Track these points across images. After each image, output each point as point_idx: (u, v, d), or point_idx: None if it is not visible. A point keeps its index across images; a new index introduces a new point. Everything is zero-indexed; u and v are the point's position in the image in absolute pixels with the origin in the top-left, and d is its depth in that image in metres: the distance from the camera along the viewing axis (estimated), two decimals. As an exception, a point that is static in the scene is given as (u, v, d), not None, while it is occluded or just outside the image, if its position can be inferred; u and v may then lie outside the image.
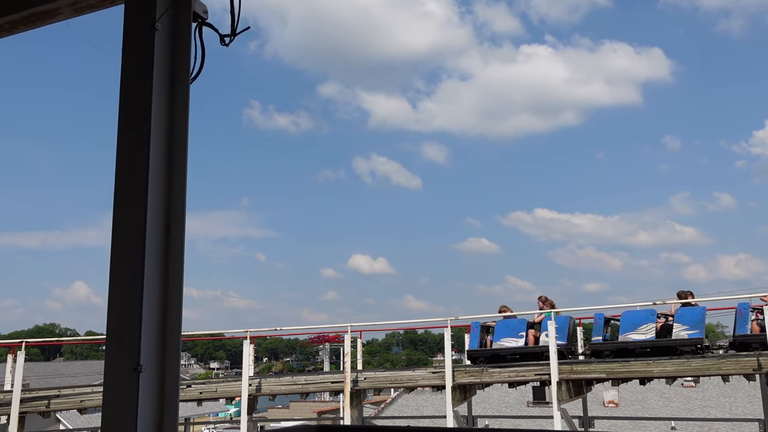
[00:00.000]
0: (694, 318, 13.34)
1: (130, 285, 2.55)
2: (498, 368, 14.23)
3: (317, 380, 14.69)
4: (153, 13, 2.78)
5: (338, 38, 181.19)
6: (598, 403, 34.20)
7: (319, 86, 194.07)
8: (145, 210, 2.60)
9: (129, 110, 2.77)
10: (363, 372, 14.92)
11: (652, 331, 13.57)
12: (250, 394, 14.12)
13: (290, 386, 14.57)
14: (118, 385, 2.48)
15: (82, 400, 13.45)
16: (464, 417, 15.88)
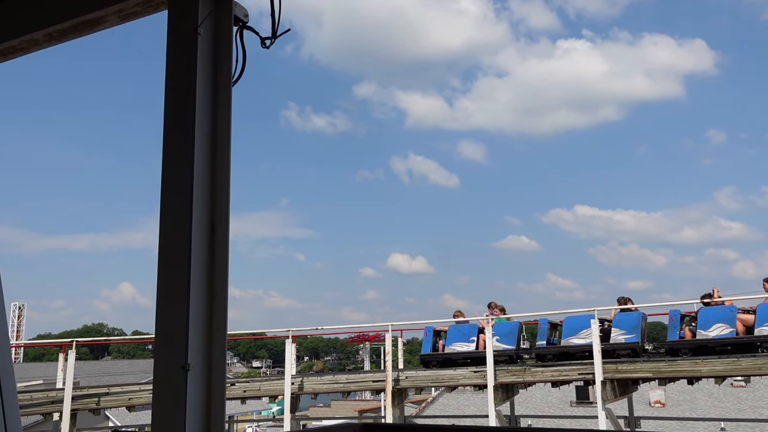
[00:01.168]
0: (630, 323, 13.98)
1: (177, 285, 2.60)
2: (541, 367, 14.09)
3: (358, 379, 14.76)
4: (195, 18, 2.83)
5: (373, 38, 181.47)
6: (644, 403, 33.55)
7: (355, 87, 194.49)
8: (190, 210, 2.65)
9: (174, 114, 2.83)
10: (404, 371, 14.94)
11: (591, 335, 14.09)
12: (293, 392, 14.27)
13: (332, 385, 14.68)
14: (167, 383, 2.53)
15: (130, 398, 13.80)
16: (506, 416, 15.76)
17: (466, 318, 15.53)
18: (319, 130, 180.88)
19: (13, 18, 3.60)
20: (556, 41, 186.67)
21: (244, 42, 3.12)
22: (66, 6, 3.40)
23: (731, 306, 13.49)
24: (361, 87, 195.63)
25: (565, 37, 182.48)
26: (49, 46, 3.70)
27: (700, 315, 13.69)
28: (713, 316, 13.41)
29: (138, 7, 3.22)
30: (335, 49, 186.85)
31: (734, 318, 13.19)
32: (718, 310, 13.61)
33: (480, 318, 15.24)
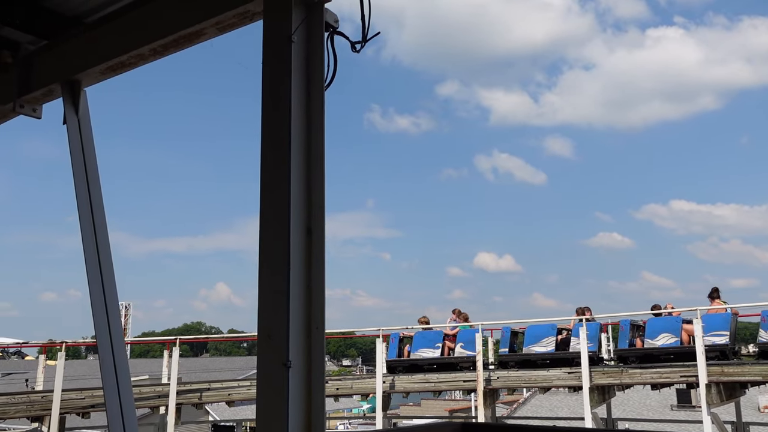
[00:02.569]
0: (589, 332, 14.09)
1: (277, 286, 2.69)
2: (639, 369, 13.56)
3: (449, 378, 14.70)
4: (290, 26, 2.93)
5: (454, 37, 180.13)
6: (753, 408, 31.59)
7: (437, 86, 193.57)
8: (288, 214, 2.74)
9: (271, 119, 2.93)
10: (496, 371, 14.77)
11: (552, 343, 14.53)
12: (384, 391, 14.42)
13: (423, 384, 14.72)
14: (270, 379, 2.63)
15: (229, 394, 14.40)
16: (603, 419, 15.26)
17: (430, 324, 15.89)
18: (402, 130, 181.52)
19: (121, 36, 3.84)
20: (646, 30, 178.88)
21: (335, 46, 3.20)
22: (168, 22, 3.59)
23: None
24: (444, 86, 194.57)
25: (655, 26, 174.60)
26: (154, 60, 3.92)
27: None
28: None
29: (234, 18, 3.36)
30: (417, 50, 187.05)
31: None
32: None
33: (446, 325, 15.74)
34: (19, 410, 11.99)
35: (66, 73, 4.16)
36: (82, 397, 12.74)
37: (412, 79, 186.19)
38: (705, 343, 12.73)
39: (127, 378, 3.56)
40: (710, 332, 13.08)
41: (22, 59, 4.58)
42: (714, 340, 13.06)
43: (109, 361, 3.54)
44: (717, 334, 13.15)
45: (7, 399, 11.98)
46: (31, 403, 12.10)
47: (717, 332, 13.20)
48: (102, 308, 3.66)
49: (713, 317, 13.45)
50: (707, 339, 12.91)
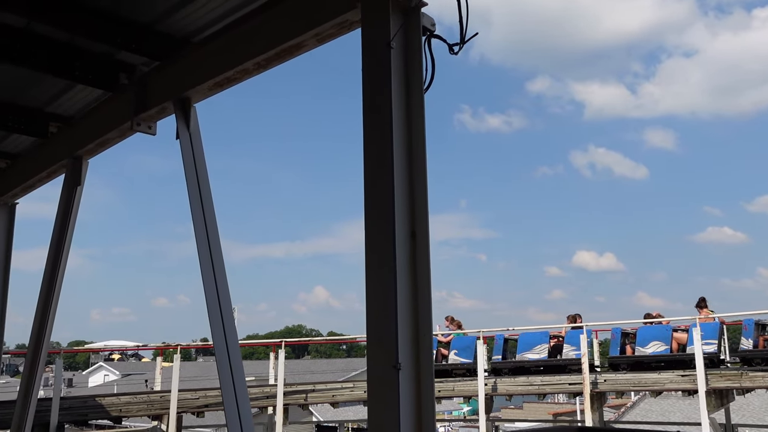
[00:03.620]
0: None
1: (384, 289, 2.73)
2: (761, 372, 12.68)
3: (554, 381, 14.33)
4: (388, 33, 2.97)
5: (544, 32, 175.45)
6: None
7: (528, 83, 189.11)
8: (393, 218, 2.77)
9: (372, 126, 2.98)
10: (603, 373, 14.25)
11: (545, 351, 14.62)
12: (486, 393, 14.25)
13: (526, 387, 14.42)
14: (380, 381, 2.67)
15: (333, 395, 14.72)
16: (722, 425, 14.39)
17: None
18: (494, 129, 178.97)
19: (227, 53, 4.03)
20: (752, 10, 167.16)
21: (432, 49, 3.21)
22: (270, 37, 3.73)
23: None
24: (535, 83, 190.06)
25: (762, 5, 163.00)
26: (257, 73, 4.08)
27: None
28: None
29: (333, 29, 3.45)
30: (506, 47, 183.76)
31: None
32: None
33: (440, 333, 15.63)
34: (140, 409, 12.80)
35: (177, 90, 4.40)
36: (197, 397, 13.41)
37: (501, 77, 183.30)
38: (693, 351, 13.07)
39: (242, 379, 3.72)
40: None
41: (137, 80, 4.90)
42: (703, 348, 13.28)
43: (225, 362, 3.72)
44: (706, 343, 13.42)
45: (129, 398, 12.82)
46: (151, 402, 12.87)
47: (706, 341, 13.43)
48: (217, 312, 3.84)
49: (702, 326, 13.59)
50: (695, 347, 13.27)
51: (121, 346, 45.19)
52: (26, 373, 5.53)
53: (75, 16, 4.27)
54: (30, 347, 5.49)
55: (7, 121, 5.80)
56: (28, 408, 5.43)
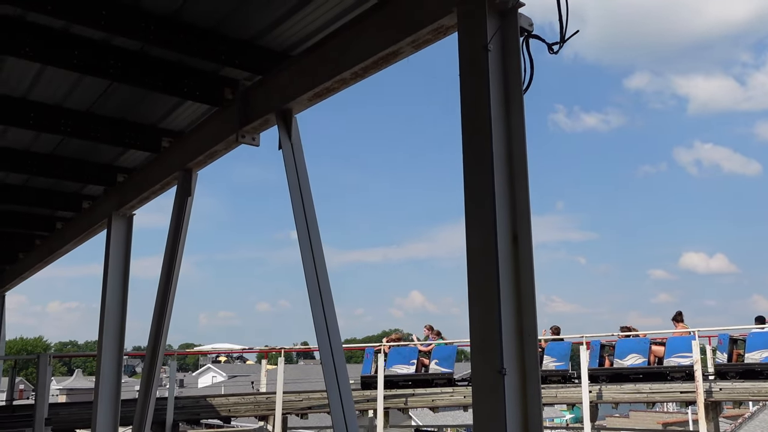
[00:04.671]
0: (561, 351, 14.66)
1: (487, 292, 2.72)
2: None
3: (663, 389, 13.65)
4: (485, 36, 2.95)
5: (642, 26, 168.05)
6: None
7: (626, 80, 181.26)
8: (494, 221, 2.75)
9: (471, 129, 2.98)
10: (718, 382, 13.45)
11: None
12: (591, 401, 13.79)
13: (634, 394, 13.83)
14: (485, 387, 2.65)
15: (433, 399, 14.72)
16: None
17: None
18: (590, 129, 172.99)
19: (325, 64, 4.14)
20: None
21: (530, 49, 3.17)
22: (367, 46, 3.80)
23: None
24: (633, 79, 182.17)
25: None
26: (354, 83, 4.17)
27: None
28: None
29: (429, 35, 3.47)
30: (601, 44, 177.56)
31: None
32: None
33: (419, 343, 15.54)
34: (248, 409, 13.34)
35: (279, 102, 4.57)
36: (300, 399, 13.81)
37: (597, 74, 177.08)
38: (669, 364, 13.58)
39: (346, 381, 3.80)
40: (675, 354, 13.82)
41: (240, 94, 5.12)
42: (679, 361, 13.67)
43: (330, 365, 3.81)
44: (682, 356, 13.72)
45: (237, 399, 13.39)
46: (257, 403, 13.39)
47: (682, 354, 13.76)
48: (321, 316, 3.95)
49: (678, 340, 14.11)
50: (672, 360, 13.70)
51: (228, 348, 47.16)
52: (145, 373, 5.88)
53: (184, 36, 4.53)
54: (148, 349, 5.85)
55: (125, 138, 6.22)
56: (147, 407, 5.78)
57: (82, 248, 9.03)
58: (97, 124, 6.05)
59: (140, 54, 4.97)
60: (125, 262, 6.91)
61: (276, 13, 4.39)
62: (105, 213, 7.26)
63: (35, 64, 5.05)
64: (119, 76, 4.97)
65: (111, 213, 6.99)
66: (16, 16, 4.46)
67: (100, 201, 7.74)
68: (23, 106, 5.71)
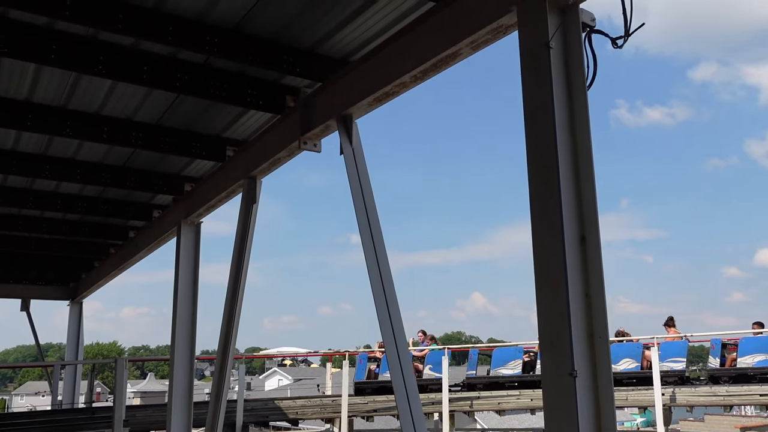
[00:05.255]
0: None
1: (555, 294, 2.68)
2: None
3: (742, 392, 13.09)
4: (546, 34, 2.91)
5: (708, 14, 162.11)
6: None
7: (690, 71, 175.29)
8: (561, 222, 2.71)
9: (535, 128, 2.94)
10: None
11: (519, 366, 14.61)
12: (664, 404, 13.32)
13: (709, 397, 13.28)
14: (556, 390, 2.61)
15: (499, 402, 14.54)
16: None
17: None
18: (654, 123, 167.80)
19: (384, 68, 4.17)
20: None
21: (593, 45, 3.10)
22: (426, 49, 3.80)
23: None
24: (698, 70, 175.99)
25: None
26: (414, 86, 4.18)
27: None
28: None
29: (488, 35, 3.45)
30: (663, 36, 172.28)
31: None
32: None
33: (414, 348, 15.27)
34: (314, 412, 13.52)
35: (339, 108, 4.62)
36: (365, 402, 13.89)
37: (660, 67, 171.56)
38: (662, 369, 13.48)
39: (413, 384, 3.81)
40: (668, 359, 13.84)
41: (301, 102, 5.21)
42: (672, 366, 13.78)
43: (396, 368, 3.82)
44: (674, 361, 13.87)
45: (304, 402, 13.59)
46: (323, 406, 13.55)
47: (674, 359, 13.90)
48: (387, 319, 3.97)
49: (671, 345, 14.13)
50: (665, 365, 13.65)
51: (293, 352, 47.89)
52: (216, 377, 6.04)
53: (246, 47, 4.65)
54: (218, 353, 6.00)
55: (191, 148, 6.42)
56: (219, 409, 5.93)
57: (151, 255, 9.37)
58: (165, 135, 6.27)
59: (205, 66, 5.12)
60: (194, 268, 7.12)
61: (335, 20, 4.45)
62: (174, 221, 7.50)
63: (107, 81, 5.28)
64: (185, 89, 5.14)
65: (180, 221, 7.21)
66: (88, 36, 4.67)
67: (169, 210, 8.01)
68: (97, 121, 5.97)
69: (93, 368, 13.63)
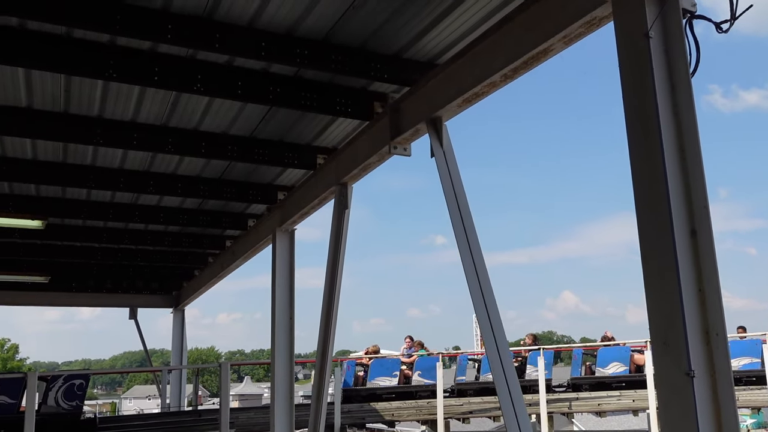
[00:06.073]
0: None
1: (666, 290, 2.59)
2: None
3: None
4: (645, 23, 2.82)
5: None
6: None
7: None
8: (669, 216, 2.62)
9: (636, 120, 2.85)
10: None
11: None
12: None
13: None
14: (671, 391, 2.52)
15: (599, 404, 14.12)
16: None
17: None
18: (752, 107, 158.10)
19: (473, 68, 4.15)
20: None
21: (694, 31, 2.98)
22: (515, 46, 3.76)
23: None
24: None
25: None
26: (504, 85, 4.14)
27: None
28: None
29: (581, 28, 3.37)
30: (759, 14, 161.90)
31: None
32: None
33: (399, 353, 15.05)
34: (410, 414, 13.58)
35: (428, 111, 4.64)
36: (461, 404, 13.83)
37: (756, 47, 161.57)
38: (651, 372, 13.14)
39: (516, 384, 3.77)
40: None
41: (390, 107, 5.27)
42: None
43: (498, 368, 3.80)
44: None
45: (399, 404, 13.67)
46: (419, 408, 13.59)
47: None
48: (486, 319, 3.95)
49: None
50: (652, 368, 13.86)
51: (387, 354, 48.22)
52: (316, 379, 6.20)
53: (335, 57, 4.75)
54: (318, 357, 6.15)
55: (284, 158, 6.61)
56: (320, 411, 6.08)
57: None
58: (258, 147, 6.49)
59: (295, 78, 5.28)
60: (290, 275, 7.33)
61: (421, 25, 4.48)
62: (269, 230, 7.75)
63: (204, 98, 5.53)
64: (277, 101, 5.31)
65: (274, 229, 7.44)
66: (187, 57, 4.91)
67: (264, 219, 8.28)
68: (195, 137, 6.27)
69: (197, 373, 14.25)
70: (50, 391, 9.02)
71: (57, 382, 9.09)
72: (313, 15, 4.37)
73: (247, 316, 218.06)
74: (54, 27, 4.38)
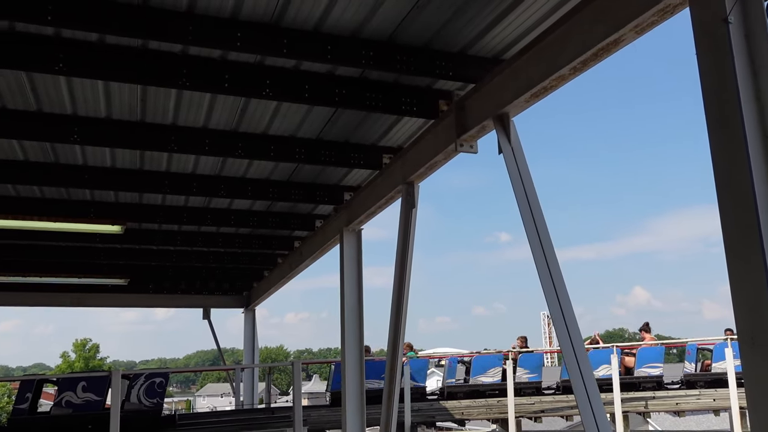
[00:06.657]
0: (533, 363, 14.49)
1: (754, 283, 2.49)
2: None
3: None
4: (723, 8, 2.72)
5: None
6: None
7: None
8: (755, 205, 2.51)
9: (717, 113, 2.75)
10: None
11: (499, 374, 14.09)
12: None
13: None
14: (761, 390, 2.42)
15: (677, 403, 13.67)
16: None
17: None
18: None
19: (541, 62, 4.09)
20: None
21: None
22: (584, 38, 3.69)
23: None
24: None
25: None
26: (573, 78, 4.06)
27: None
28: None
29: (654, 17, 3.28)
30: None
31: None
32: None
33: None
34: (480, 413, 13.50)
35: (495, 108, 4.60)
36: (532, 403, 13.66)
37: None
38: (641, 375, 14.06)
39: (593, 382, 3.70)
40: (646, 364, 14.28)
41: (455, 105, 5.25)
42: (649, 372, 14.14)
43: (574, 366, 3.73)
44: (652, 366, 14.21)
45: (469, 402, 13.62)
46: (489, 406, 13.50)
47: (652, 364, 14.27)
48: (560, 317, 3.89)
49: (648, 350, 14.53)
50: (643, 371, 14.12)
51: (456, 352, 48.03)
52: (387, 377, 6.24)
53: (399, 57, 4.77)
54: (388, 355, 6.20)
55: (350, 159, 6.69)
56: (392, 408, 6.12)
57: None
58: (325, 149, 6.59)
59: (360, 79, 5.33)
60: (358, 274, 7.40)
61: (485, 21, 4.45)
62: (336, 230, 7.85)
63: (273, 102, 5.66)
64: (343, 103, 5.37)
65: (342, 229, 7.53)
66: (256, 63, 5.03)
67: (331, 219, 8.40)
68: (264, 141, 6.42)
69: (269, 371, 14.58)
70: (132, 389, 9.41)
71: (139, 380, 9.47)
72: (377, 16, 4.41)
73: (314, 315, 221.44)
74: (130, 40, 4.57)
